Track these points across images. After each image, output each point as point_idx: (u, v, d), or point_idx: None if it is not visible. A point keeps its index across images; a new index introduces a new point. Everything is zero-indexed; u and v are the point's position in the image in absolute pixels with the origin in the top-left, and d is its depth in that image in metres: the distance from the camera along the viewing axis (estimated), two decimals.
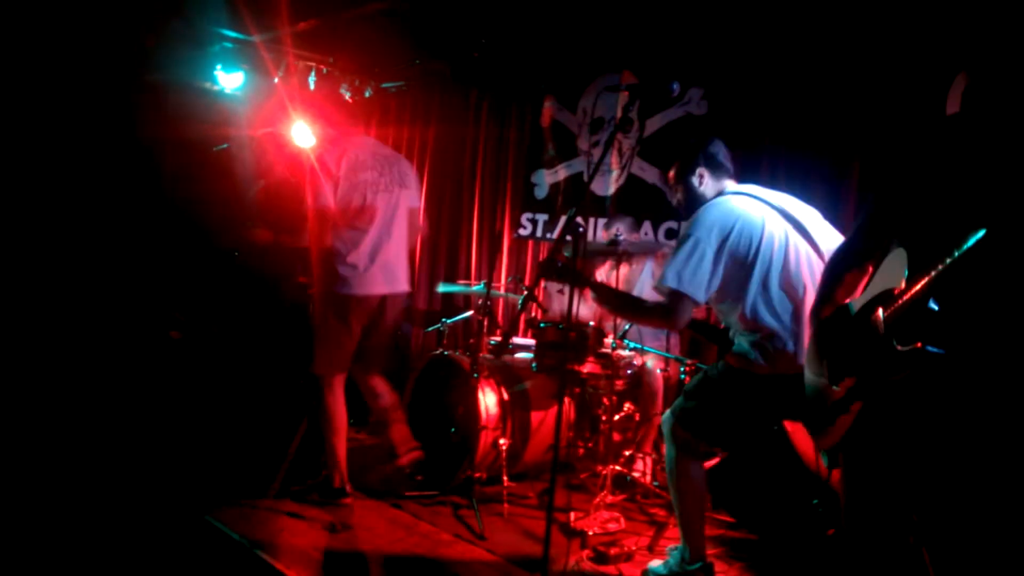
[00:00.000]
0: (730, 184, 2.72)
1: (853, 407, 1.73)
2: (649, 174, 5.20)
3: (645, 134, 5.24)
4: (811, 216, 2.67)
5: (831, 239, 2.60)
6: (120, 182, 5.62)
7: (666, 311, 2.48)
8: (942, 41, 3.44)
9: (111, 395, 4.59)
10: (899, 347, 1.56)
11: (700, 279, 2.44)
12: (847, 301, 1.89)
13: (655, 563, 2.82)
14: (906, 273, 1.59)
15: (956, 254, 1.47)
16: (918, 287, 1.53)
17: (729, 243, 2.47)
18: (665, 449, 2.71)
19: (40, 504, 3.14)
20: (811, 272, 2.51)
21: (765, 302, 2.47)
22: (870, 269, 1.98)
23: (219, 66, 5.91)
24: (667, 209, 5.03)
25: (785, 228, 2.55)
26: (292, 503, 3.36)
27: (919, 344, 1.51)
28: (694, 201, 2.67)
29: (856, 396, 1.71)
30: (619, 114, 5.24)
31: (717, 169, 2.69)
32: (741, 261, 2.48)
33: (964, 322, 1.49)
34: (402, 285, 3.52)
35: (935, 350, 1.50)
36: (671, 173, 2.77)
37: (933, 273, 1.50)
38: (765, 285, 2.48)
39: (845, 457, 1.92)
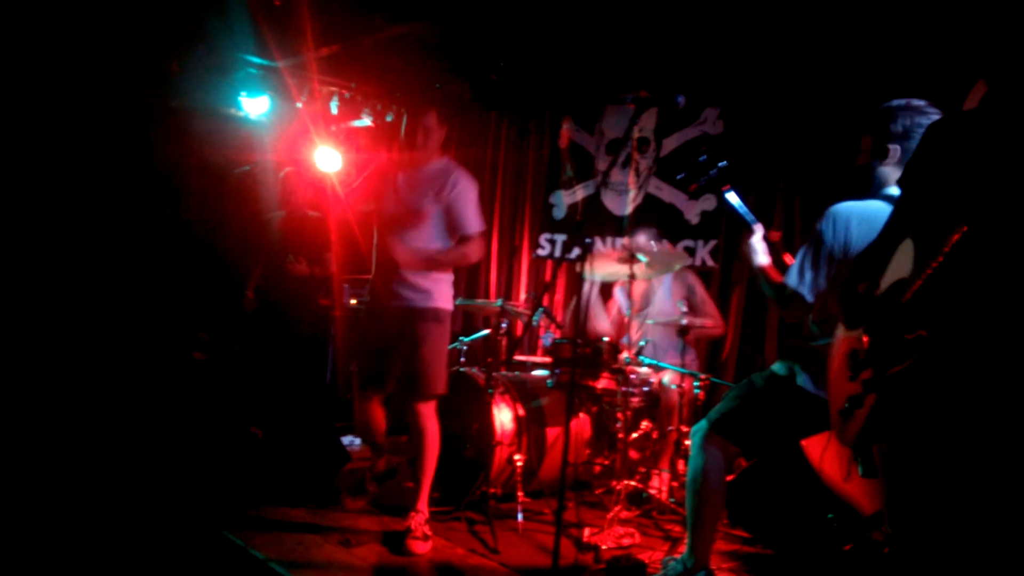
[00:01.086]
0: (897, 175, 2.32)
1: (868, 400, 1.71)
2: (666, 193, 5.23)
3: (661, 154, 5.28)
4: None
5: None
6: (144, 206, 5.77)
7: (789, 305, 2.39)
8: (956, 55, 3.44)
9: (135, 413, 4.67)
10: (905, 335, 1.56)
11: (815, 281, 2.32)
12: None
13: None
14: (912, 264, 1.60)
15: (954, 242, 1.48)
16: (923, 277, 1.54)
17: (848, 254, 2.28)
18: (690, 457, 2.68)
19: (62, 517, 3.20)
20: None
21: None
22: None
23: (243, 92, 6.06)
24: (684, 228, 5.05)
25: None
26: (308, 517, 3.40)
27: (923, 332, 1.51)
28: (870, 185, 2.35)
29: (870, 388, 1.70)
30: (635, 134, 5.29)
31: (907, 152, 2.25)
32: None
33: (967, 311, 1.49)
34: None
35: (936, 336, 1.50)
36: (864, 144, 2.39)
37: (935, 263, 1.51)
38: None
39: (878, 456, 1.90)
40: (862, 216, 2.29)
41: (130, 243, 5.64)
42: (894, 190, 2.34)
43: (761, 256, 2.58)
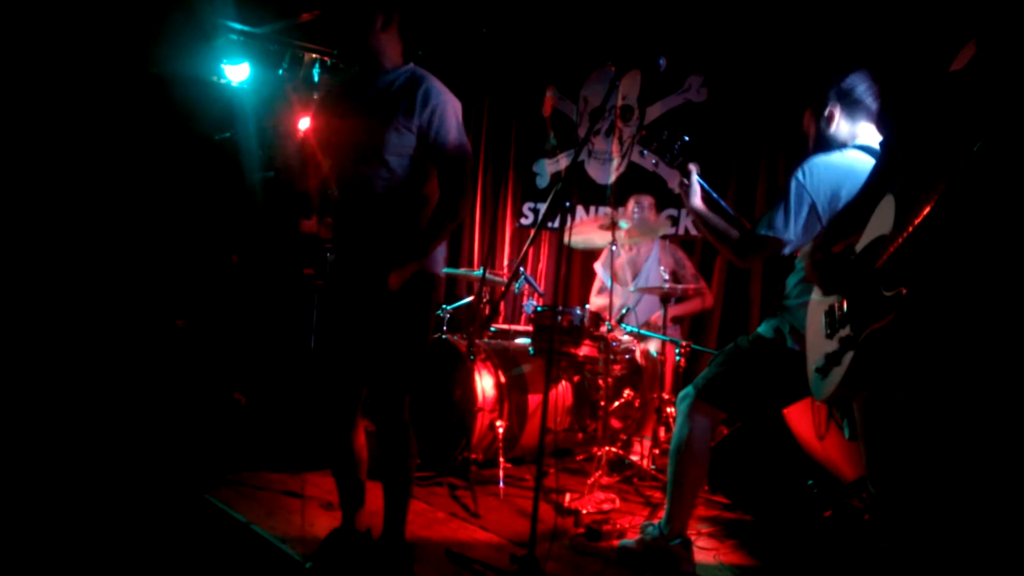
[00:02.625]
0: (865, 130, 2.44)
1: (845, 358, 1.72)
2: (649, 161, 5.21)
3: (645, 122, 5.25)
4: None
5: None
6: (124, 174, 5.68)
7: (741, 248, 2.41)
8: (944, 17, 3.42)
9: (116, 380, 4.65)
10: (885, 292, 1.56)
11: (791, 228, 2.32)
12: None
13: (627, 540, 2.83)
14: (894, 219, 1.60)
15: (935, 199, 1.47)
16: (904, 233, 1.54)
17: (833, 206, 2.32)
18: (676, 425, 2.67)
19: (43, 484, 3.19)
20: None
21: None
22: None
23: (224, 59, 5.96)
24: (667, 196, 5.04)
25: None
26: (289, 481, 3.40)
27: (903, 290, 1.51)
28: (819, 146, 2.45)
29: (849, 346, 1.70)
30: (619, 102, 5.25)
31: (853, 108, 2.42)
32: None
33: (947, 268, 1.49)
34: None
35: (918, 293, 1.50)
36: (805, 115, 2.52)
37: (917, 219, 1.50)
38: None
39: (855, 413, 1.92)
40: (838, 164, 2.36)
41: (111, 211, 5.56)
42: (863, 140, 2.42)
43: (696, 198, 2.61)
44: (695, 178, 2.63)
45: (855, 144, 2.41)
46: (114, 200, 5.59)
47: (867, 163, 2.28)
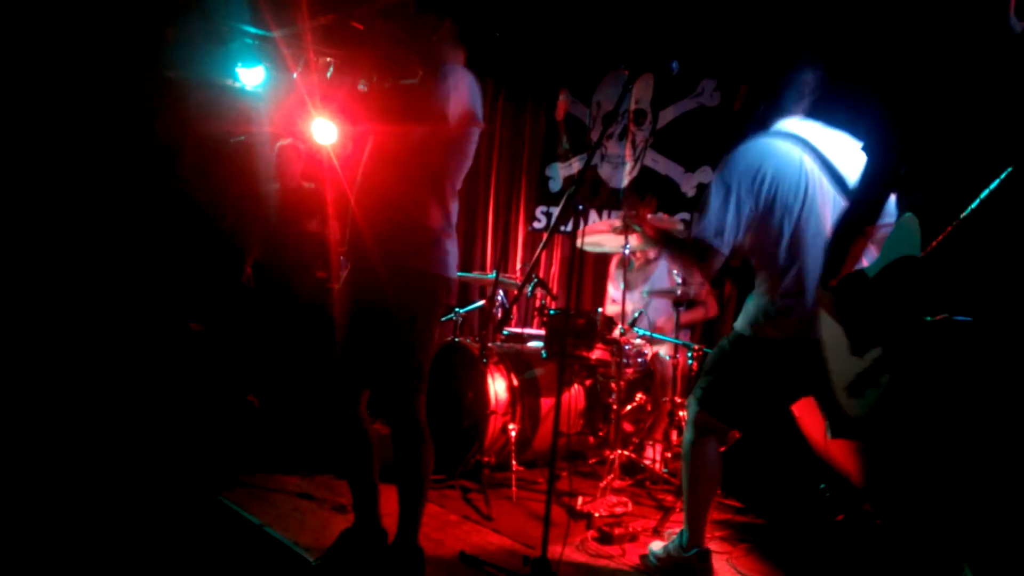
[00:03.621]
0: (787, 122, 2.49)
1: (882, 380, 1.68)
2: (662, 165, 5.21)
3: (658, 126, 5.25)
4: (849, 156, 2.42)
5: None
6: (140, 178, 5.73)
7: (698, 257, 2.41)
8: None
9: (132, 384, 4.69)
10: (927, 318, 1.52)
11: (725, 228, 2.34)
12: (859, 267, 1.87)
13: (656, 545, 2.83)
14: (919, 240, 1.56)
15: (967, 212, 1.43)
16: (936, 253, 1.50)
17: (759, 190, 2.34)
18: (685, 431, 2.65)
19: (59, 485, 3.22)
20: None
21: (790, 258, 2.35)
22: (871, 233, 1.96)
23: (239, 62, 6.00)
24: (681, 200, 5.04)
25: (820, 175, 2.39)
26: (303, 484, 3.42)
27: (946, 314, 1.48)
28: (751, 128, 2.50)
29: (884, 368, 1.67)
30: (632, 106, 5.26)
31: (793, 100, 2.49)
32: (771, 211, 2.35)
33: (989, 289, 1.46)
34: None
35: (962, 319, 1.47)
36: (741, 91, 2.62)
37: (945, 237, 1.47)
38: (794, 240, 2.34)
39: (873, 432, 1.90)
40: (757, 147, 2.43)
41: (127, 215, 5.62)
42: (785, 126, 2.47)
43: (656, 227, 2.71)
44: (654, 216, 2.75)
45: (771, 132, 2.47)
46: (129, 204, 5.65)
47: (778, 141, 2.42)
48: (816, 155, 2.41)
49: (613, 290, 4.82)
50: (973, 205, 1.42)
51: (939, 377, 1.54)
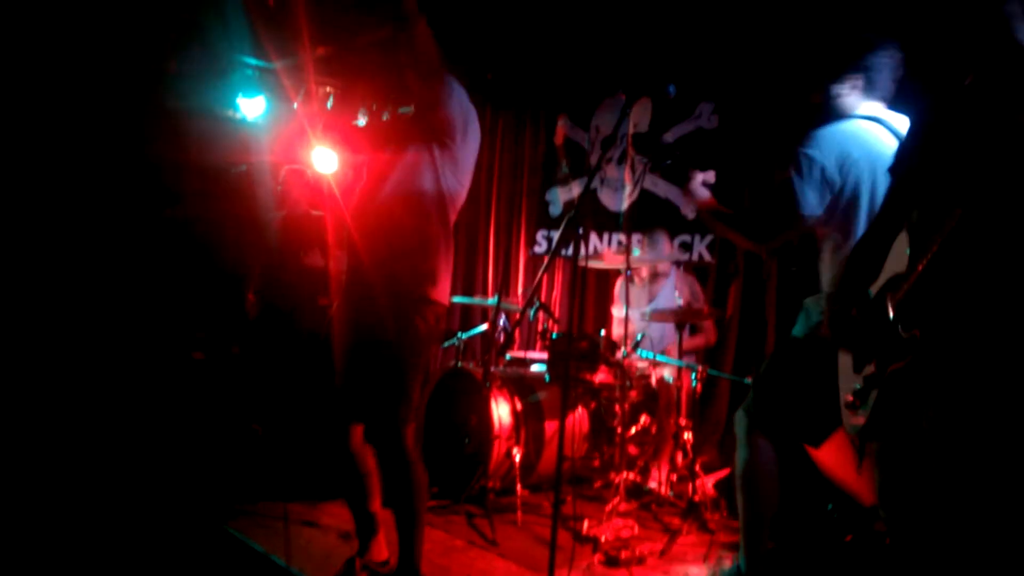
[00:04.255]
0: (869, 107, 2.34)
1: (871, 396, 1.71)
2: (661, 188, 5.24)
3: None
4: None
5: None
6: (141, 208, 5.77)
7: (763, 227, 2.31)
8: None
9: (135, 412, 4.68)
10: (903, 333, 1.55)
11: (807, 191, 2.20)
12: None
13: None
14: (908, 256, 1.59)
15: (945, 234, 1.47)
16: (918, 271, 1.53)
17: (844, 169, 2.21)
18: (737, 450, 2.50)
19: (63, 513, 3.21)
20: None
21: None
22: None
23: (240, 93, 6.07)
24: (681, 223, 5.07)
25: None
26: (307, 512, 3.40)
27: (916, 332, 1.51)
28: (830, 115, 2.34)
29: (874, 385, 1.69)
30: (631, 129, 5.31)
31: (871, 86, 2.32)
32: (855, 199, 2.22)
33: (963, 307, 1.49)
34: None
35: (934, 333, 1.49)
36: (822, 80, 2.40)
37: (928, 256, 1.50)
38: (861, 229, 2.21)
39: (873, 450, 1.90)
40: (843, 130, 2.28)
41: (128, 244, 5.65)
42: (874, 111, 2.33)
43: (703, 197, 2.53)
44: (699, 183, 2.56)
45: (857, 114, 2.33)
46: (131, 235, 5.68)
47: (872, 128, 2.26)
48: None
49: (618, 311, 4.82)
50: (944, 234, 1.45)
51: (913, 389, 1.57)
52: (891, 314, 1.61)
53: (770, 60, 4.56)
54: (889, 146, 2.26)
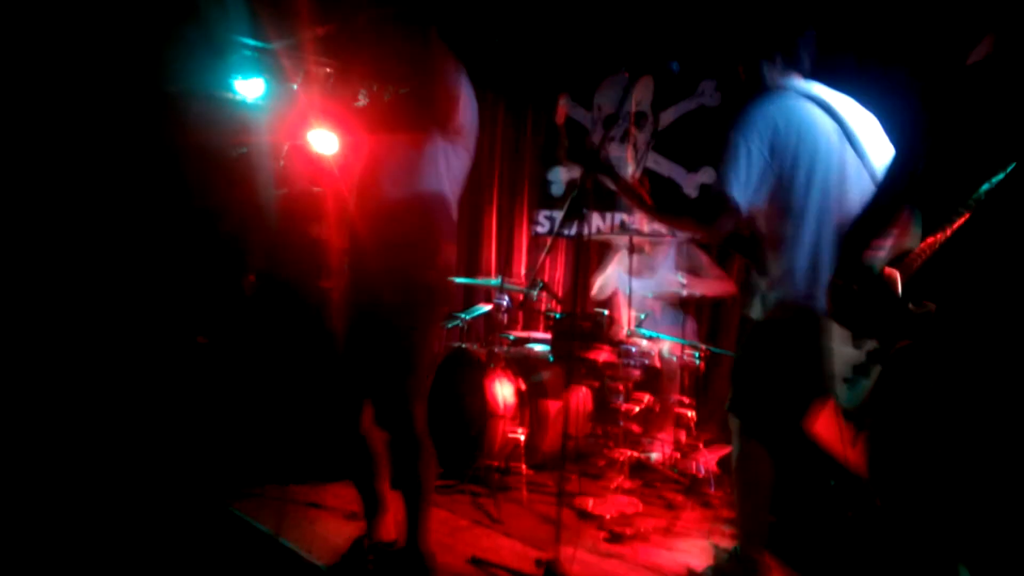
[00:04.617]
0: (801, 82, 2.37)
1: (873, 371, 1.72)
2: (664, 167, 5.22)
3: (659, 127, 5.26)
4: (869, 125, 2.32)
5: (884, 156, 2.27)
6: (139, 192, 5.76)
7: (703, 214, 2.25)
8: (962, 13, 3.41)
9: (141, 398, 4.71)
10: (912, 308, 1.54)
11: (740, 179, 2.16)
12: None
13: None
14: (919, 234, 1.59)
15: (963, 210, 1.47)
16: (931, 248, 1.53)
17: (773, 145, 2.19)
18: (732, 441, 2.51)
19: (71, 498, 3.24)
20: (859, 193, 2.20)
21: (804, 228, 2.19)
22: (894, 232, 1.93)
23: (238, 75, 6.03)
24: (683, 202, 5.05)
25: (841, 140, 2.25)
26: (312, 493, 3.43)
27: (931, 305, 1.50)
28: (754, 91, 2.37)
29: (876, 359, 1.69)
30: (633, 108, 5.28)
31: (791, 61, 2.37)
32: (792, 175, 2.20)
33: (977, 284, 1.49)
34: None
35: (944, 312, 1.49)
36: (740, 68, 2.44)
37: (943, 234, 1.50)
38: (809, 209, 2.19)
39: (871, 423, 1.92)
40: (771, 103, 2.28)
41: (130, 230, 5.65)
42: (803, 86, 2.33)
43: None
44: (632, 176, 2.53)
45: (791, 89, 2.33)
46: (132, 219, 5.67)
47: (804, 105, 2.27)
48: (839, 123, 2.28)
49: (606, 273, 4.73)
50: (971, 202, 1.44)
51: (920, 365, 1.58)
52: (899, 290, 1.61)
53: (768, 34, 4.51)
54: (816, 119, 2.25)
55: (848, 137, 2.27)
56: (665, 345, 4.18)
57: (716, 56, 4.84)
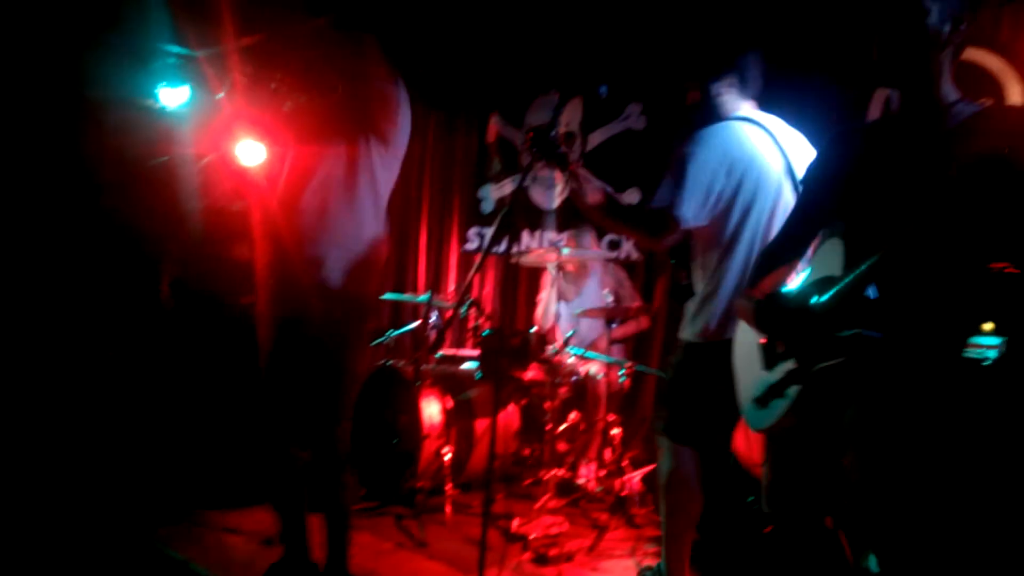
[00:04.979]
0: (746, 107, 2.39)
1: (790, 391, 1.75)
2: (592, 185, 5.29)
3: (587, 148, 5.34)
4: (803, 152, 2.37)
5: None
6: (54, 199, 5.49)
7: (652, 226, 2.23)
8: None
9: (49, 416, 4.46)
10: (838, 333, 1.59)
11: (693, 199, 2.17)
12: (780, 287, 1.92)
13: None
14: (843, 262, 1.64)
15: (888, 247, 1.53)
16: (855, 275, 1.58)
17: (728, 171, 2.21)
18: (659, 460, 2.52)
19: None
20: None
21: (736, 251, 2.24)
22: (797, 265, 2.02)
23: (162, 82, 5.84)
24: (634, 210, 5.13)
25: (784, 172, 2.30)
26: (230, 518, 3.30)
27: (858, 330, 1.55)
28: (709, 115, 2.36)
29: (793, 380, 1.73)
30: (562, 128, 5.33)
31: (744, 85, 2.38)
32: (733, 200, 2.23)
33: (900, 309, 1.55)
34: None
35: (873, 334, 1.54)
36: (690, 93, 2.42)
37: (868, 263, 1.55)
38: (739, 234, 2.24)
39: (777, 441, 1.96)
40: (724, 132, 2.29)
41: (42, 238, 5.37)
42: (752, 114, 2.37)
43: (594, 195, 2.35)
44: (583, 173, 2.40)
45: (736, 116, 2.36)
46: (45, 227, 5.40)
47: (749, 130, 2.29)
48: (784, 155, 2.33)
49: (543, 303, 4.82)
50: (888, 247, 1.51)
51: (849, 387, 1.63)
52: (821, 314, 1.65)
53: (694, 62, 4.65)
54: (764, 148, 2.31)
55: (790, 170, 2.33)
56: (592, 364, 4.22)
57: (643, 80, 4.96)
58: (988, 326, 1.47)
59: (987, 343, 1.49)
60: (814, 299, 1.69)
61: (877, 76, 1.74)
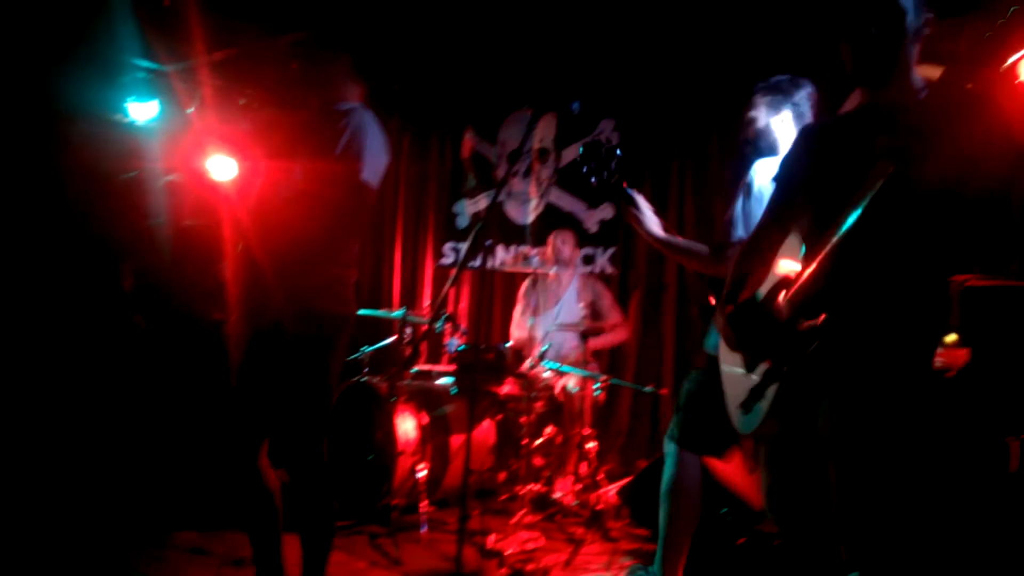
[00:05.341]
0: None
1: (768, 392, 1.77)
2: (566, 202, 5.34)
3: (561, 164, 5.39)
4: None
5: None
6: (24, 212, 5.40)
7: (717, 258, 2.27)
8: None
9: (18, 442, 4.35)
10: (800, 325, 1.62)
11: (747, 223, 2.24)
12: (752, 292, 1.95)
13: None
14: (802, 258, 1.67)
15: (836, 237, 1.56)
16: (811, 268, 1.61)
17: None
18: (664, 467, 2.55)
19: None
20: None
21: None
22: (773, 262, 2.04)
23: (131, 96, 5.78)
24: (584, 236, 5.16)
25: None
26: (198, 540, 3.24)
27: (822, 316, 1.58)
28: (766, 147, 2.40)
29: (772, 379, 1.75)
30: (536, 144, 5.37)
31: (800, 119, 2.42)
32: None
33: (853, 297, 1.58)
34: None
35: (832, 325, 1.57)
36: (751, 108, 2.45)
37: (822, 254, 1.59)
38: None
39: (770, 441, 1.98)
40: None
41: (10, 249, 5.27)
42: None
43: (652, 225, 2.39)
44: (642, 203, 2.43)
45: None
46: (14, 243, 5.29)
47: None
48: None
49: (519, 314, 4.82)
50: (836, 237, 1.53)
51: (814, 377, 1.65)
52: (786, 310, 1.67)
53: (668, 78, 4.73)
54: None
55: None
56: (568, 378, 4.22)
57: (615, 97, 5.02)
58: (950, 337, 1.51)
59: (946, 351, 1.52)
60: (778, 297, 1.72)
61: (850, 76, 1.77)
